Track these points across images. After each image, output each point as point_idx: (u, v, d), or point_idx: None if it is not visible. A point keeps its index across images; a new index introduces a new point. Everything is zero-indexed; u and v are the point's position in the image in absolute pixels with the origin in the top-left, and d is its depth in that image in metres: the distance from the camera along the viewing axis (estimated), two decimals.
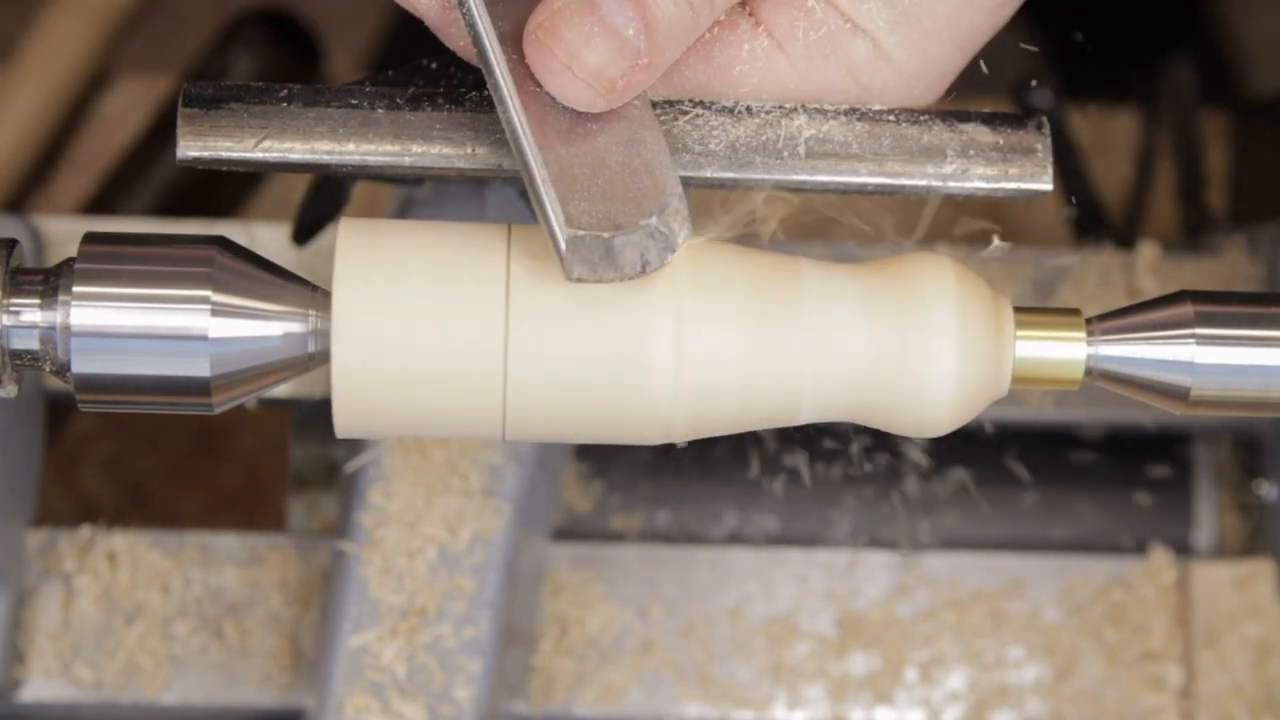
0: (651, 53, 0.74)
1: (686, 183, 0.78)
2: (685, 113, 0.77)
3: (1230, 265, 1.10)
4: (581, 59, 0.74)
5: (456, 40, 0.78)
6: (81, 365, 0.74)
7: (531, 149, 0.74)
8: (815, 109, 0.78)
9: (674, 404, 0.75)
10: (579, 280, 0.73)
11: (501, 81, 0.74)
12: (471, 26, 0.75)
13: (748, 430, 0.77)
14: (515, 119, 0.74)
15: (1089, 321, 0.77)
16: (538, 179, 0.73)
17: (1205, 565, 1.08)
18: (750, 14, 0.78)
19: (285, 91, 0.77)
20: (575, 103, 0.74)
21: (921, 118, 0.78)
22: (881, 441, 1.09)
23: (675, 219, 0.74)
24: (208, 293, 0.74)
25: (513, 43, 0.75)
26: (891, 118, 0.78)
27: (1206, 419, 1.10)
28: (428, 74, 0.82)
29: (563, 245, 0.73)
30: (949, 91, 0.81)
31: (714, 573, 1.08)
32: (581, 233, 0.72)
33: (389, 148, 0.77)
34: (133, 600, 1.05)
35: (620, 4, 0.74)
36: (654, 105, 0.78)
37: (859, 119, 0.78)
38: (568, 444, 1.08)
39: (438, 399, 0.74)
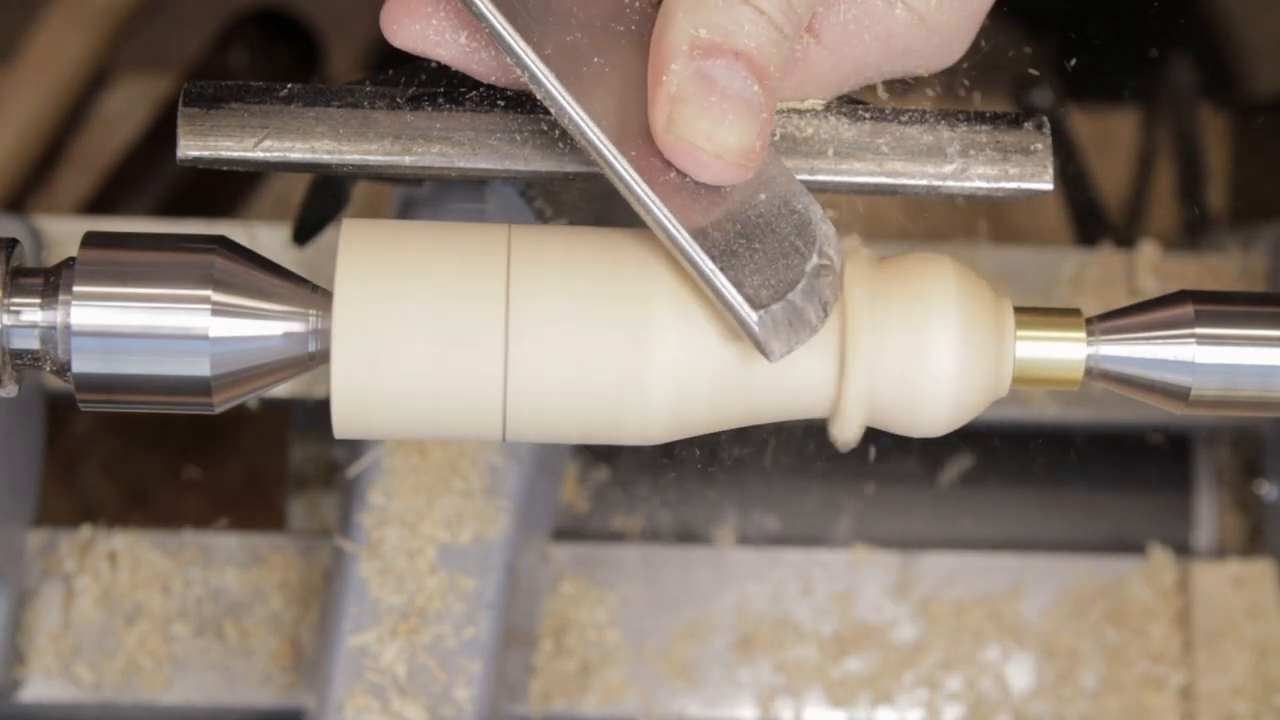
0: (768, 100, 0.73)
1: None
2: None
3: (1230, 265, 1.10)
4: (724, 142, 0.73)
5: (488, 76, 0.77)
6: (82, 365, 0.74)
7: (690, 245, 0.73)
8: (816, 108, 0.78)
9: (673, 404, 0.75)
10: (784, 357, 0.72)
11: (634, 184, 0.73)
12: (583, 135, 0.73)
13: (748, 425, 0.77)
14: (663, 220, 0.73)
15: (1089, 321, 0.77)
16: (706, 271, 0.72)
17: (1205, 565, 1.08)
18: None
19: (285, 91, 0.77)
20: (725, 182, 0.74)
21: (922, 117, 0.78)
22: (882, 441, 1.09)
23: (829, 244, 0.74)
24: (208, 292, 0.74)
25: (625, 139, 0.73)
26: (892, 117, 0.78)
27: (1206, 419, 1.10)
28: (428, 74, 0.82)
29: (757, 331, 0.72)
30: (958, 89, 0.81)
31: (714, 573, 1.08)
32: (767, 308, 0.72)
33: (389, 148, 0.77)
34: (133, 601, 1.05)
35: (731, 67, 0.72)
36: None
37: (859, 118, 0.78)
38: (567, 444, 1.08)
39: (437, 400, 0.74)
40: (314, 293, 0.76)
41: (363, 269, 0.74)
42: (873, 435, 0.80)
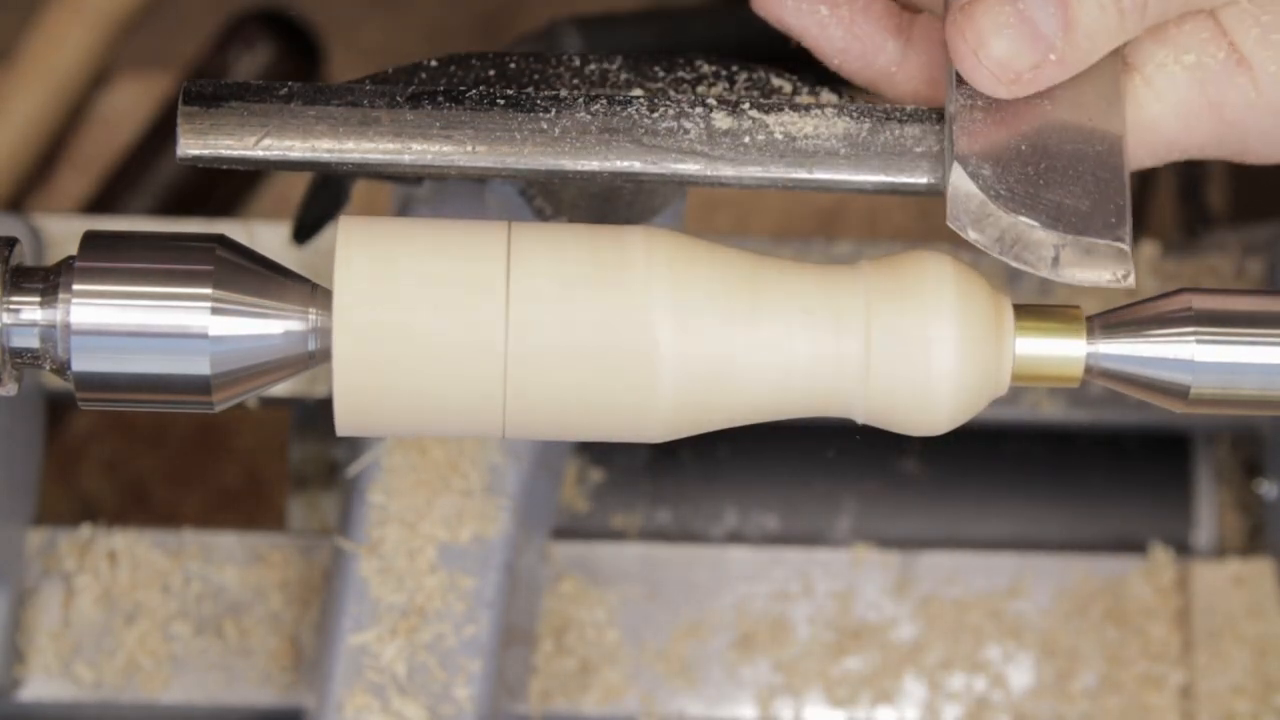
0: (1067, 50, 0.74)
1: (686, 182, 0.78)
2: (685, 110, 0.77)
3: (1230, 265, 1.10)
4: (989, 46, 0.74)
5: (833, 57, 0.81)
6: (81, 363, 0.74)
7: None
8: (815, 107, 0.78)
9: (673, 402, 0.75)
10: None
11: None
12: None
13: (747, 424, 0.77)
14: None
15: (1089, 319, 0.77)
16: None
17: (1205, 565, 1.08)
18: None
19: (285, 90, 0.77)
20: (980, 87, 0.75)
21: (923, 116, 0.78)
22: (882, 440, 1.09)
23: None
24: (208, 290, 0.74)
25: None
26: (892, 115, 0.78)
27: (1206, 418, 1.10)
28: (428, 73, 0.82)
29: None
30: None
31: (714, 572, 1.08)
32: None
33: (389, 146, 0.77)
34: (133, 600, 1.05)
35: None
36: (651, 102, 0.77)
37: (859, 117, 0.78)
38: (568, 442, 1.08)
39: (438, 397, 0.75)
40: (314, 291, 0.76)
41: (362, 266, 0.74)
42: (873, 434, 0.80)
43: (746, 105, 0.78)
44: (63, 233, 1.08)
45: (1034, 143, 0.76)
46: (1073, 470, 1.13)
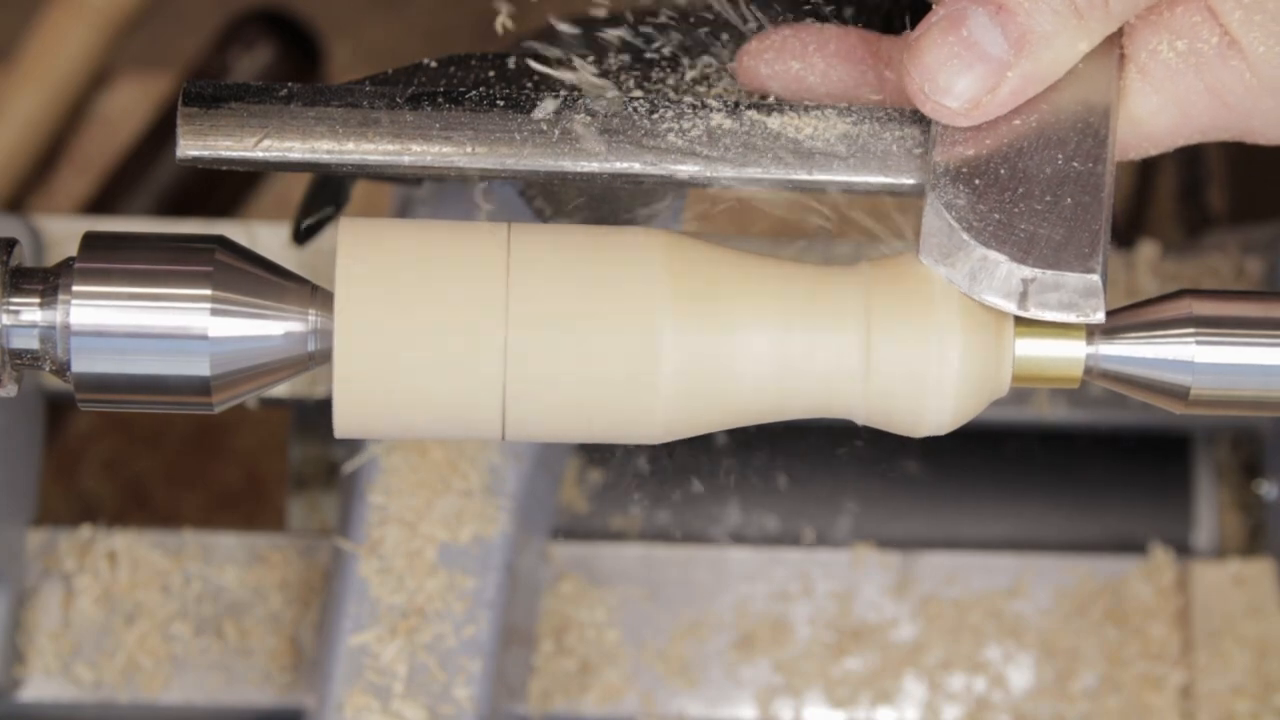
0: (1027, 63, 0.73)
1: (686, 182, 0.78)
2: (685, 111, 0.77)
3: (1230, 265, 1.10)
4: (939, 82, 0.74)
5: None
6: (81, 365, 0.74)
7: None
8: (815, 107, 0.78)
9: (673, 404, 0.75)
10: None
11: None
12: None
13: (748, 425, 0.77)
14: None
15: None
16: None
17: (1205, 565, 1.08)
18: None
19: (285, 91, 0.77)
20: (944, 120, 0.75)
21: (922, 117, 0.78)
22: (882, 441, 1.09)
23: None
24: (208, 292, 0.74)
25: None
26: (892, 117, 0.78)
27: (1206, 418, 1.10)
28: (428, 74, 0.82)
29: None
30: None
31: (714, 572, 1.08)
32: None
33: (388, 147, 0.77)
34: (133, 600, 1.05)
35: (989, 18, 0.73)
36: (651, 102, 0.77)
37: (860, 118, 0.78)
38: (568, 443, 1.08)
39: (437, 399, 0.74)
40: (314, 292, 0.76)
41: (362, 268, 0.74)
42: (873, 435, 0.80)
43: (746, 105, 0.78)
44: (63, 233, 1.08)
45: (1013, 164, 0.75)
46: (1073, 470, 1.13)
